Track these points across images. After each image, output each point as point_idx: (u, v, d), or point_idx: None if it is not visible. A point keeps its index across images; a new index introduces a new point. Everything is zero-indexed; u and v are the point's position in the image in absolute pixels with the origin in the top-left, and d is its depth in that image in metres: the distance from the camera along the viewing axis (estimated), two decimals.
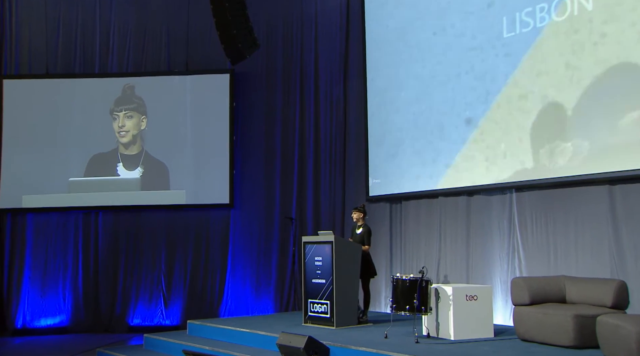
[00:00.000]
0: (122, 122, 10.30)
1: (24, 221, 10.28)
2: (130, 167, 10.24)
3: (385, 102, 9.35)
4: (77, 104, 10.48)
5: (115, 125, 10.35)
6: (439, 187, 8.38)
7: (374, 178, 9.41)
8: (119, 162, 10.24)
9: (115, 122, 10.34)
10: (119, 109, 10.31)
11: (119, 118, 10.31)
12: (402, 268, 8.90)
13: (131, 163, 10.26)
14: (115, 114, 10.32)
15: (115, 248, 10.37)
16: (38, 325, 10.08)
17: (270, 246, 10.35)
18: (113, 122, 10.37)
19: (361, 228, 7.63)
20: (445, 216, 8.40)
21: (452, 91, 8.29)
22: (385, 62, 9.39)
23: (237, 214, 10.44)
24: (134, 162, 10.30)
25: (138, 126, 10.35)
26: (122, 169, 10.21)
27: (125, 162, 10.24)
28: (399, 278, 6.35)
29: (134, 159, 10.31)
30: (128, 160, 10.28)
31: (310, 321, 7.40)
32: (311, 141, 10.43)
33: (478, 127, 7.93)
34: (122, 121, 10.30)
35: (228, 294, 10.26)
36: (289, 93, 10.61)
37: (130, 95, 10.39)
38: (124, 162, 10.24)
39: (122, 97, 10.41)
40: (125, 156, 10.28)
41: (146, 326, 10.00)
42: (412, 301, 6.18)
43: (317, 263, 7.39)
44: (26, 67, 10.58)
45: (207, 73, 10.50)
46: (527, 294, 6.04)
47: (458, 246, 8.16)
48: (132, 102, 10.37)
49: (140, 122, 10.36)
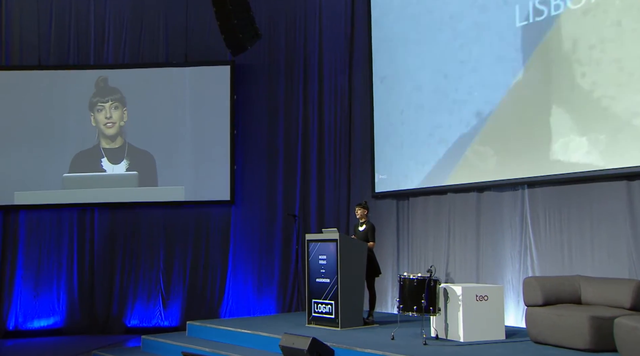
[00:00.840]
0: (109, 113, 10.27)
1: (16, 218, 10.26)
2: (115, 161, 10.22)
3: (392, 93, 9.32)
4: (71, 97, 10.46)
5: (101, 116, 10.31)
6: (448, 183, 8.35)
7: (380, 174, 9.42)
8: (103, 157, 10.23)
9: (101, 113, 10.29)
10: (104, 99, 10.26)
11: (105, 109, 10.26)
12: (410, 267, 8.89)
13: (115, 157, 10.24)
14: (101, 105, 10.27)
15: (111, 246, 10.36)
16: (31, 326, 10.06)
17: (272, 244, 10.33)
18: (96, 115, 10.33)
19: (365, 224, 7.65)
20: (454, 213, 8.39)
21: (463, 82, 8.26)
22: (393, 52, 9.36)
23: (238, 211, 10.42)
24: (119, 155, 10.26)
25: (122, 118, 10.32)
26: (107, 163, 10.20)
27: (109, 156, 10.22)
28: (406, 277, 6.35)
29: (117, 152, 10.29)
30: (111, 154, 10.26)
31: (314, 322, 7.41)
32: (315, 135, 10.43)
33: (489, 121, 7.89)
34: (109, 111, 10.27)
35: (229, 294, 10.26)
36: (291, 85, 10.60)
37: (104, 88, 10.35)
38: (108, 156, 10.22)
39: (99, 91, 10.38)
40: (109, 150, 10.26)
41: (144, 328, 9.97)
42: (419, 302, 6.17)
43: (321, 262, 7.40)
44: (17, 58, 10.54)
45: (206, 65, 10.47)
46: (540, 295, 6.01)
47: (468, 244, 8.14)
48: (115, 92, 10.32)
49: (123, 114, 10.34)
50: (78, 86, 10.43)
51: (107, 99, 10.29)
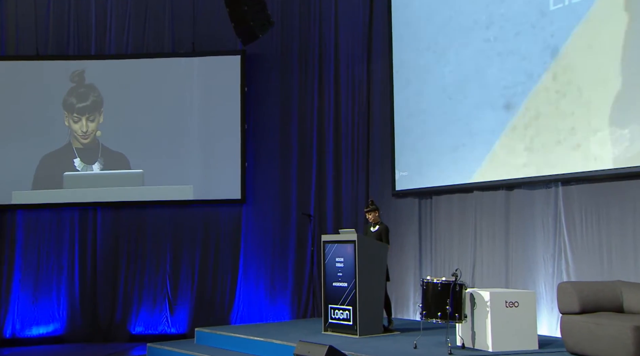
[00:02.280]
0: (86, 127, 10.32)
1: (13, 218, 10.28)
2: (88, 161, 10.31)
3: (413, 84, 9.28)
4: (60, 90, 10.47)
5: (76, 127, 10.33)
6: (474, 180, 8.33)
7: (400, 170, 9.42)
8: (75, 157, 10.27)
9: (77, 125, 10.32)
10: (81, 110, 10.28)
11: (81, 122, 10.30)
12: (433, 270, 8.86)
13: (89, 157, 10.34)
14: (77, 116, 10.29)
15: (115, 249, 10.37)
16: (29, 334, 10.04)
17: (286, 246, 10.32)
18: (72, 123, 10.35)
19: (377, 225, 7.66)
20: (481, 213, 8.35)
21: (490, 72, 8.20)
22: (414, 39, 9.31)
23: (249, 210, 10.43)
24: (92, 155, 10.35)
25: (97, 126, 10.37)
26: (79, 162, 10.24)
27: (82, 156, 10.30)
28: (430, 281, 6.34)
29: (90, 152, 10.37)
30: (83, 153, 10.34)
31: (331, 329, 7.42)
32: (331, 129, 10.42)
33: (519, 113, 7.82)
34: (86, 125, 10.32)
35: (240, 299, 10.26)
36: (306, 76, 10.57)
37: (80, 84, 10.35)
38: (81, 156, 10.30)
39: (76, 88, 10.37)
40: (80, 150, 10.32)
41: (149, 335, 9.98)
42: (444, 308, 6.16)
43: (338, 265, 7.40)
44: (13, 47, 10.53)
45: (215, 54, 10.44)
46: (577, 302, 5.92)
47: (496, 246, 8.10)
48: (87, 97, 10.33)
49: (99, 121, 10.38)
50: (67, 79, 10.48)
51: (83, 111, 10.28)
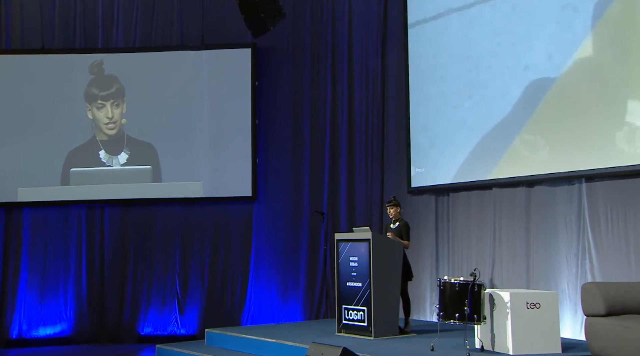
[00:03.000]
0: (111, 113, 10.33)
1: (19, 216, 10.30)
2: (113, 152, 10.34)
3: (430, 77, 9.24)
4: (78, 83, 10.50)
5: (101, 115, 10.35)
6: (493, 176, 8.27)
7: (416, 167, 9.38)
8: (100, 150, 10.30)
9: (100, 112, 10.35)
10: (105, 96, 10.31)
11: (105, 108, 10.32)
12: (450, 270, 8.84)
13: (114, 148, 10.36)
14: (101, 103, 10.33)
15: (123, 247, 10.38)
16: (36, 334, 10.04)
17: (298, 245, 10.30)
18: (96, 111, 10.37)
19: (397, 222, 7.68)
20: (500, 211, 8.29)
21: (510, 62, 8.13)
22: (431, 30, 9.27)
23: (260, 208, 10.42)
24: (117, 146, 10.38)
25: (121, 115, 10.39)
26: (104, 154, 10.28)
27: (106, 148, 10.32)
28: (447, 281, 6.33)
29: (116, 142, 10.40)
30: (108, 145, 10.37)
31: (345, 331, 7.43)
32: (344, 124, 10.38)
33: (540, 106, 7.73)
34: (109, 111, 10.33)
35: (251, 299, 10.24)
36: (319, 69, 10.53)
37: (99, 74, 10.38)
38: (105, 147, 10.32)
39: (97, 79, 10.40)
40: (105, 142, 10.34)
41: (158, 336, 9.97)
42: (462, 309, 6.14)
43: (352, 264, 7.40)
44: (19, 41, 10.55)
45: (225, 48, 10.42)
46: (603, 303, 5.82)
47: (516, 245, 8.04)
48: (110, 85, 10.37)
49: (122, 110, 10.40)
50: (85, 71, 10.47)
51: (107, 96, 10.31)
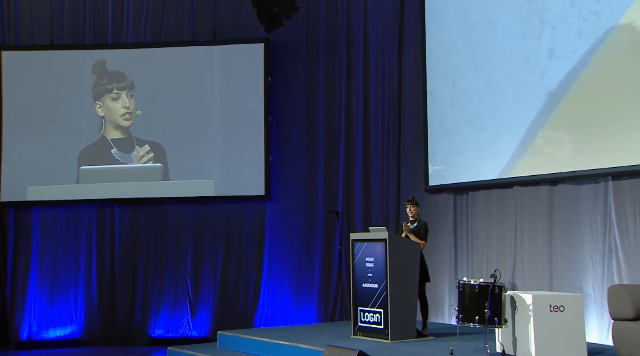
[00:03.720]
0: (127, 102, 10.36)
1: (29, 215, 10.36)
2: (126, 150, 10.39)
3: (448, 72, 9.18)
4: (88, 80, 10.54)
5: (118, 106, 10.38)
6: (515, 174, 8.20)
7: (434, 165, 9.34)
8: (112, 148, 10.34)
9: (117, 103, 10.38)
10: (121, 86, 10.34)
11: (122, 98, 10.36)
12: (470, 271, 8.77)
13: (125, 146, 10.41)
14: (117, 92, 10.36)
15: (134, 247, 10.41)
16: (46, 336, 10.11)
17: (312, 245, 10.28)
18: (110, 103, 10.39)
19: (416, 222, 7.68)
20: (522, 210, 8.21)
21: (532, 54, 8.03)
22: (449, 22, 9.22)
23: (273, 207, 10.41)
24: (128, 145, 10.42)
25: (135, 107, 10.42)
26: (116, 151, 10.32)
27: (118, 146, 10.36)
28: (466, 282, 6.29)
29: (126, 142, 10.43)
30: (119, 143, 10.41)
31: (361, 333, 7.41)
32: (360, 121, 10.34)
33: (564, 100, 7.64)
34: (127, 100, 10.36)
35: (264, 301, 10.26)
36: (333, 64, 10.51)
37: (102, 71, 10.41)
38: (117, 145, 10.36)
39: (102, 77, 10.44)
40: (116, 140, 10.39)
41: (170, 338, 9.99)
42: (482, 311, 6.09)
43: (368, 265, 7.38)
44: (28, 37, 10.60)
45: (237, 43, 10.41)
46: (631, 307, 5.76)
47: (538, 245, 7.96)
48: (123, 78, 10.39)
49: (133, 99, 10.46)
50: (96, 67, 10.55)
51: (123, 86, 10.35)
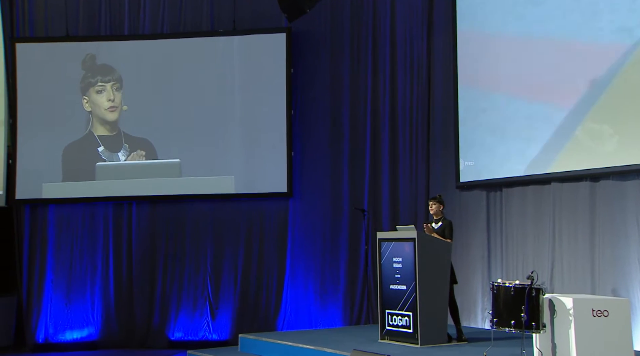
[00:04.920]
0: (111, 95, 10.35)
1: (45, 214, 10.38)
2: (113, 149, 10.35)
3: (481, 62, 9.10)
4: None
5: (102, 99, 10.36)
6: (553, 170, 8.09)
7: (466, 160, 9.28)
8: (99, 146, 10.32)
9: (101, 96, 10.37)
10: (105, 79, 10.34)
11: (107, 90, 10.34)
12: (504, 272, 8.69)
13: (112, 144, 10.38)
14: (101, 85, 10.35)
15: (152, 246, 10.39)
16: (63, 338, 10.14)
17: (337, 244, 10.23)
18: (96, 96, 10.37)
19: (440, 221, 7.67)
20: (561, 207, 8.10)
21: (573, 44, 7.88)
22: (482, 9, 9.12)
23: (296, 205, 10.36)
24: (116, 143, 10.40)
25: (122, 102, 10.40)
26: (103, 150, 10.31)
27: (105, 144, 10.34)
28: (501, 284, 6.22)
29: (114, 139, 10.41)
30: (107, 141, 10.39)
31: (389, 337, 7.39)
32: (387, 114, 10.26)
33: (607, 91, 7.49)
34: (111, 93, 10.35)
35: (287, 303, 10.23)
36: (359, 55, 10.42)
37: (92, 65, 10.39)
38: (104, 143, 10.34)
39: (92, 69, 10.43)
40: (103, 138, 10.37)
41: (190, 341, 10.01)
42: (518, 315, 6.01)
43: (395, 265, 7.35)
44: (42, 28, 10.64)
45: (258, 33, 10.37)
46: None
47: (579, 245, 7.83)
48: (111, 71, 10.38)
49: (121, 94, 10.44)
50: (112, 59, 10.48)
51: (108, 79, 10.35)
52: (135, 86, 10.39)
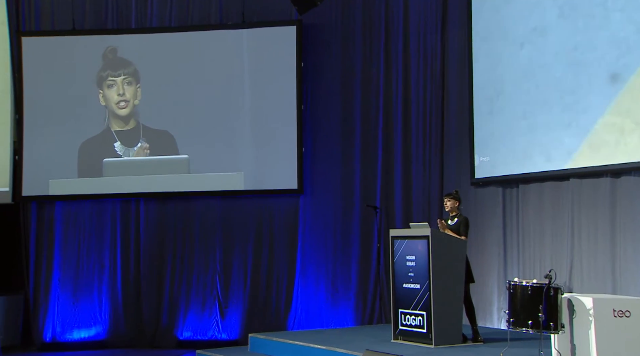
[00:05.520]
0: (122, 89, 10.35)
1: (51, 210, 10.39)
2: (129, 144, 10.36)
3: (497, 54, 9.05)
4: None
5: (113, 94, 10.38)
6: (571, 165, 8.02)
7: (481, 155, 9.25)
8: (115, 141, 10.34)
9: (112, 90, 10.39)
10: (116, 73, 10.35)
11: (117, 85, 10.35)
12: (521, 271, 8.63)
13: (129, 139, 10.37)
14: (112, 79, 10.37)
15: (160, 244, 10.38)
16: (70, 338, 10.13)
17: (349, 242, 10.21)
18: (107, 91, 10.39)
19: (456, 218, 7.65)
20: (580, 204, 8.01)
21: (592, 36, 7.78)
22: (498, 1, 9.04)
23: (307, 202, 10.33)
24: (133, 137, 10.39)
25: (135, 96, 10.40)
26: (119, 146, 10.33)
27: (122, 139, 10.36)
28: (518, 284, 6.17)
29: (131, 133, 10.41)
30: (123, 135, 10.39)
31: (402, 337, 7.41)
32: (399, 109, 10.21)
33: (628, 83, 7.36)
34: (121, 87, 10.35)
35: (298, 302, 10.22)
36: (371, 48, 10.36)
37: (113, 59, 10.41)
38: (121, 139, 10.36)
39: (109, 63, 10.43)
40: (120, 133, 10.38)
41: (198, 341, 10.02)
42: (536, 315, 5.95)
43: (409, 264, 7.35)
44: (49, 22, 10.62)
45: (268, 25, 10.33)
46: None
47: (599, 243, 7.72)
48: (127, 65, 10.38)
49: (136, 92, 10.41)
50: (126, 52, 10.49)
51: (119, 73, 10.36)
52: (146, 81, 10.37)
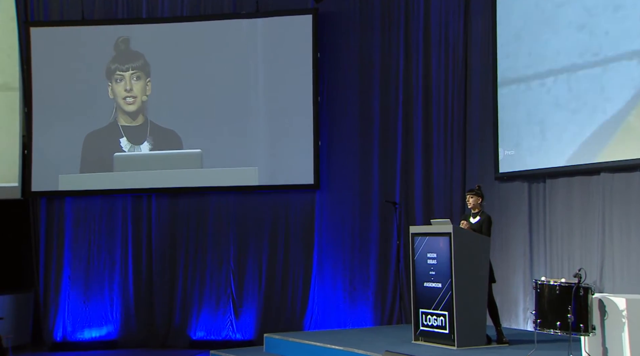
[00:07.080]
0: (130, 84, 10.37)
1: (61, 206, 10.43)
2: (136, 141, 10.36)
3: (522, 43, 8.96)
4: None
5: (120, 88, 10.40)
6: (602, 159, 7.91)
7: (506, 149, 9.18)
8: (121, 137, 10.35)
9: (119, 84, 10.41)
10: (124, 67, 10.37)
11: (124, 79, 10.37)
12: (548, 270, 8.54)
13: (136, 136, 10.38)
14: (119, 74, 10.40)
15: (172, 241, 10.41)
16: (81, 337, 10.23)
17: (367, 239, 10.18)
18: (114, 85, 10.41)
19: (478, 215, 7.57)
20: (610, 200, 7.89)
21: (624, 20, 7.61)
22: None
23: (324, 197, 10.32)
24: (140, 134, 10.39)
25: (144, 91, 10.40)
26: (125, 142, 10.34)
27: (128, 135, 10.36)
28: (545, 283, 6.15)
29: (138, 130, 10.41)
30: (130, 131, 10.39)
31: (423, 338, 7.40)
32: (420, 101, 10.17)
33: None
34: (128, 82, 10.37)
35: (314, 301, 10.22)
36: (390, 37, 10.31)
37: (125, 51, 10.40)
38: (127, 135, 10.36)
39: (120, 55, 10.43)
40: (127, 128, 10.38)
41: (212, 341, 10.04)
42: (564, 316, 5.91)
43: (430, 262, 7.32)
44: (58, 11, 10.66)
45: (283, 14, 10.31)
46: None
47: (632, 241, 7.60)
48: (137, 58, 10.38)
49: (145, 87, 10.41)
50: (138, 44, 10.49)
51: (127, 67, 10.38)
52: (156, 73, 10.37)
